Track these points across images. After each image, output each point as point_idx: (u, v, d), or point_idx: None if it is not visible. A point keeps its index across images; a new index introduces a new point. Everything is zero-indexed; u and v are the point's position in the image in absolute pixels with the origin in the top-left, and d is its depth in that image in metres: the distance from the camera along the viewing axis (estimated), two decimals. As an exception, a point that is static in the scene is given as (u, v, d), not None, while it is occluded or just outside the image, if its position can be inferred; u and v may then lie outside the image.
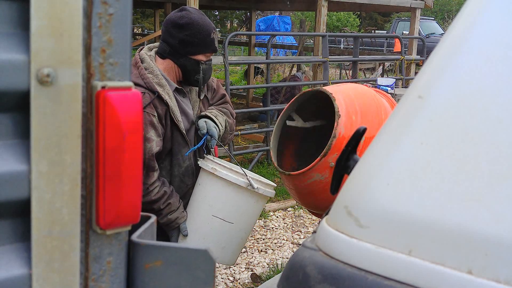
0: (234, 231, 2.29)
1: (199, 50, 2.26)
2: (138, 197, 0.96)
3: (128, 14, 0.93)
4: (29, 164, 0.86)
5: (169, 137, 2.25)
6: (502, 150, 0.98)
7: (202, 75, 2.29)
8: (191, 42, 2.23)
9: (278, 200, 5.69)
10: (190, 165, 2.35)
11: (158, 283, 1.01)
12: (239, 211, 2.27)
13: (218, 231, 2.27)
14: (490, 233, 0.94)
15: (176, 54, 2.26)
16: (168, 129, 2.24)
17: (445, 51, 1.15)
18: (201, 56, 2.27)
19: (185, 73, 2.29)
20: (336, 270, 1.07)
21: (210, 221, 2.26)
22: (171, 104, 2.21)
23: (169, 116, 2.22)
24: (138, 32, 21.60)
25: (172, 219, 2.27)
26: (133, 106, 0.92)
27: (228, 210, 2.25)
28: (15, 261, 0.88)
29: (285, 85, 8.54)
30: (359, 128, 1.41)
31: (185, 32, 2.21)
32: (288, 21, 20.95)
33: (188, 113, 2.35)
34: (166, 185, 2.25)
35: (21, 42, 0.84)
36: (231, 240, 2.30)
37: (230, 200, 2.25)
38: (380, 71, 12.23)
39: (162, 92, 2.20)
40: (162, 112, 2.19)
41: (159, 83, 2.21)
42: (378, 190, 1.08)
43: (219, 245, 2.29)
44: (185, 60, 2.26)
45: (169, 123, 2.23)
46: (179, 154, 2.30)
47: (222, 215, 2.24)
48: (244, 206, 2.27)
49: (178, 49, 2.24)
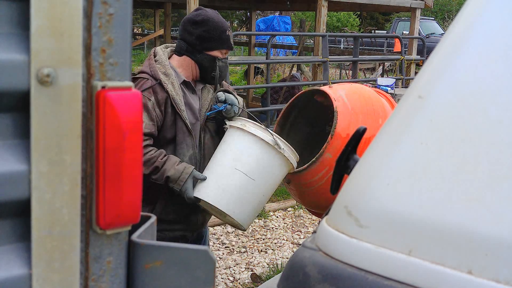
0: (254, 189, 2.25)
1: (215, 45, 2.33)
2: (138, 197, 0.96)
3: (128, 14, 0.93)
4: (29, 164, 0.86)
5: (171, 125, 2.27)
6: (502, 150, 0.98)
7: (218, 72, 2.36)
8: (207, 38, 2.30)
9: (278, 200, 5.69)
10: (193, 155, 2.35)
11: (158, 283, 1.01)
12: (262, 168, 2.25)
13: (239, 185, 2.22)
14: (490, 233, 0.94)
15: (193, 51, 2.33)
16: (168, 117, 2.26)
17: (445, 51, 1.15)
18: (217, 52, 2.35)
19: (202, 70, 2.36)
20: (336, 270, 1.07)
21: (232, 174, 2.22)
22: (172, 92, 2.25)
23: (170, 104, 2.26)
24: (138, 32, 21.60)
25: (180, 169, 2.20)
26: (133, 106, 0.92)
27: (252, 166, 2.23)
28: (15, 261, 0.88)
29: (285, 85, 8.54)
30: (359, 128, 1.41)
31: (202, 28, 2.30)
32: (288, 21, 20.95)
33: (194, 107, 2.36)
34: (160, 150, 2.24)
35: (21, 42, 0.84)
36: (250, 198, 2.26)
37: (255, 156, 2.24)
38: (380, 71, 12.22)
39: (165, 80, 2.25)
40: (161, 98, 2.24)
41: (165, 73, 2.27)
42: (378, 190, 1.08)
43: (238, 200, 2.23)
44: (202, 56, 2.33)
45: (170, 111, 2.26)
46: (183, 143, 2.30)
47: (245, 170, 2.22)
48: (268, 164, 2.26)
49: (195, 45, 2.31)
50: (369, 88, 2.85)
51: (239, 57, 9.19)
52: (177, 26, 24.10)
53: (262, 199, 2.31)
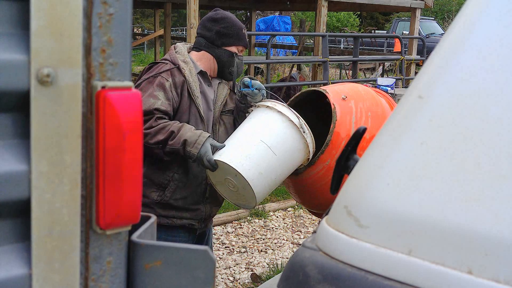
0: (275, 164, 2.27)
1: (233, 41, 2.43)
2: (138, 197, 0.96)
3: (128, 14, 0.93)
4: (29, 164, 0.86)
5: (186, 109, 2.32)
6: (502, 150, 0.98)
7: (236, 68, 2.45)
8: (226, 34, 2.42)
9: (278, 200, 5.69)
10: None
11: (158, 283, 1.01)
12: (286, 146, 2.29)
13: (262, 156, 2.24)
14: (490, 233, 0.94)
15: (212, 46, 2.43)
16: (184, 101, 2.32)
17: (445, 51, 1.15)
18: (235, 48, 2.45)
19: (220, 64, 2.45)
20: (336, 270, 1.07)
21: (257, 144, 2.24)
22: (189, 78, 2.33)
23: (186, 88, 2.32)
24: (138, 32, 21.60)
25: (198, 133, 2.18)
26: (133, 106, 0.92)
27: (277, 141, 2.27)
28: (15, 261, 0.88)
29: (284, 85, 8.54)
30: (359, 128, 1.41)
31: (221, 25, 2.42)
32: (288, 21, 20.94)
33: (208, 97, 2.42)
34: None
35: (21, 42, 0.84)
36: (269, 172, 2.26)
37: (281, 133, 2.28)
38: (380, 71, 12.23)
39: (183, 66, 2.34)
40: (179, 81, 2.31)
41: (184, 61, 2.37)
42: (378, 190, 1.08)
43: (258, 170, 2.22)
44: (221, 51, 2.43)
45: (186, 95, 2.32)
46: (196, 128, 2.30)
47: (270, 144, 2.25)
48: (291, 145, 2.30)
49: (214, 40, 2.42)
50: (368, 88, 2.85)
51: (239, 57, 9.17)
52: (177, 26, 24.14)
53: (278, 178, 2.32)
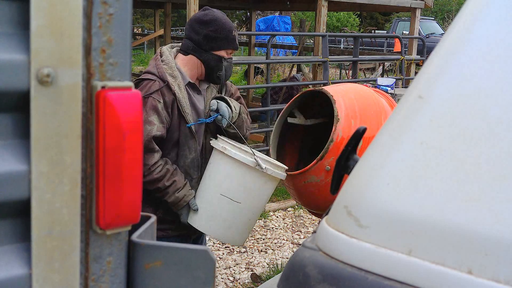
0: (242, 211, 2.28)
1: (222, 45, 2.34)
2: (138, 197, 0.96)
3: (128, 14, 0.93)
4: (29, 164, 0.85)
5: (176, 127, 2.29)
6: (502, 150, 0.98)
7: (224, 72, 2.37)
8: (214, 38, 2.32)
9: (278, 200, 5.69)
10: (196, 158, 2.37)
11: (158, 283, 1.01)
12: (247, 191, 2.27)
13: (225, 210, 2.26)
14: (490, 233, 0.94)
15: (199, 50, 2.34)
16: (175, 119, 2.28)
17: (445, 51, 1.15)
18: (223, 52, 2.36)
19: (208, 69, 2.36)
20: (336, 270, 1.07)
21: (218, 200, 2.26)
22: (179, 95, 2.27)
23: (176, 106, 2.27)
24: (138, 32, 21.59)
25: (180, 197, 2.28)
26: (133, 106, 0.92)
27: (236, 190, 2.25)
28: (15, 261, 0.88)
29: (284, 85, 8.53)
30: (359, 128, 1.41)
31: (210, 28, 2.30)
32: (288, 21, 20.94)
33: (199, 109, 2.38)
34: (168, 163, 2.27)
35: (21, 42, 0.84)
36: (238, 220, 2.29)
37: (238, 180, 2.25)
38: (380, 71, 12.22)
39: (172, 82, 2.26)
40: (169, 100, 2.25)
41: (172, 74, 2.29)
42: (378, 190, 1.08)
43: (226, 225, 2.28)
44: (208, 55, 2.34)
45: (176, 113, 2.28)
46: (185, 146, 2.32)
47: (230, 195, 2.25)
48: (252, 186, 2.27)
49: (202, 44, 2.33)
50: (368, 89, 2.85)
51: (239, 57, 9.18)
52: (177, 26, 24.14)
53: (252, 216, 2.35)
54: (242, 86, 11.68)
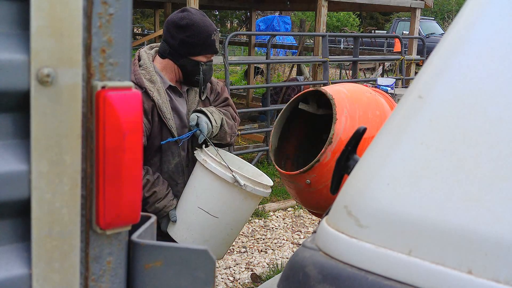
0: (219, 226, 2.25)
1: (199, 51, 2.25)
2: (138, 197, 0.96)
3: (128, 14, 0.93)
4: (29, 164, 0.86)
5: (157, 133, 2.25)
6: (502, 150, 0.98)
7: (202, 76, 2.28)
8: (191, 43, 2.22)
9: (278, 200, 5.69)
10: (179, 163, 2.33)
11: (158, 283, 1.01)
12: (225, 206, 2.22)
13: (202, 223, 2.24)
14: (490, 233, 0.94)
15: (176, 55, 2.25)
16: (155, 125, 2.23)
17: (445, 51, 1.15)
18: (202, 57, 2.27)
19: (185, 74, 2.29)
20: (336, 270, 1.07)
21: (196, 212, 2.23)
22: (158, 101, 2.21)
23: (156, 112, 2.22)
24: (138, 32, 21.59)
25: (160, 207, 2.26)
26: (133, 106, 0.92)
27: (214, 204, 2.21)
28: (15, 261, 0.88)
29: (284, 86, 8.54)
30: (359, 128, 1.41)
31: (186, 33, 2.21)
32: (288, 21, 20.95)
33: (181, 112, 2.32)
34: (149, 173, 2.22)
35: (21, 42, 0.84)
36: (215, 235, 2.27)
37: (216, 194, 2.21)
38: (380, 71, 12.23)
39: (150, 88, 2.20)
40: (148, 107, 2.20)
41: (150, 79, 2.22)
42: (378, 190, 1.08)
43: (202, 238, 2.26)
44: (185, 60, 2.25)
45: (157, 119, 2.23)
46: (168, 151, 2.29)
47: (207, 208, 2.21)
48: (231, 202, 2.22)
49: (178, 49, 2.24)
50: (368, 89, 2.85)
51: (239, 57, 9.19)
52: (177, 26, 24.08)
53: (230, 232, 2.31)
54: (242, 86, 11.69)
